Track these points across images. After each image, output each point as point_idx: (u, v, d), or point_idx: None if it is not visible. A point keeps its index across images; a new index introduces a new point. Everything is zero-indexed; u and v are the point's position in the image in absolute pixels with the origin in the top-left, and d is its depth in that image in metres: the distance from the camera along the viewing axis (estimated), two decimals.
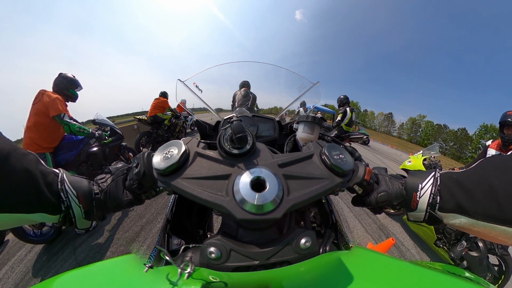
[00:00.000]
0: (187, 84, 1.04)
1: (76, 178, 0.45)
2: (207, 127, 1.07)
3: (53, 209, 0.39)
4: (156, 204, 2.98)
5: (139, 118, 5.28)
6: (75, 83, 2.50)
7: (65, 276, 0.35)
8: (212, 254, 0.34)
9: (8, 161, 0.33)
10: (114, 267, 0.37)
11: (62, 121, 2.27)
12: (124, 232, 2.41)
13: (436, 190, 0.43)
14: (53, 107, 2.21)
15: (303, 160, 0.43)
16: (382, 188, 0.49)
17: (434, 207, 0.43)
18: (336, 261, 0.36)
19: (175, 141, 0.42)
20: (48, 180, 0.39)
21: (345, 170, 0.41)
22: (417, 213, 0.46)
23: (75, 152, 2.57)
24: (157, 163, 0.38)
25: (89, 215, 0.44)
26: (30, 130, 2.24)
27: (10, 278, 1.88)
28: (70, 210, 0.41)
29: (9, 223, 0.36)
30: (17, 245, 2.25)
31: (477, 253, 1.98)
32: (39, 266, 2.00)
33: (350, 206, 3.32)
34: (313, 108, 1.41)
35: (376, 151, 12.44)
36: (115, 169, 0.49)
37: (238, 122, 0.40)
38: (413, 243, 2.65)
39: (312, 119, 0.78)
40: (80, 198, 0.42)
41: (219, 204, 0.35)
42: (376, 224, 2.97)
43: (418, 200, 0.45)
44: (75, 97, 2.54)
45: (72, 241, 2.27)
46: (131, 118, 5.45)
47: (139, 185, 0.45)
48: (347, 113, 5.08)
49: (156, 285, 0.30)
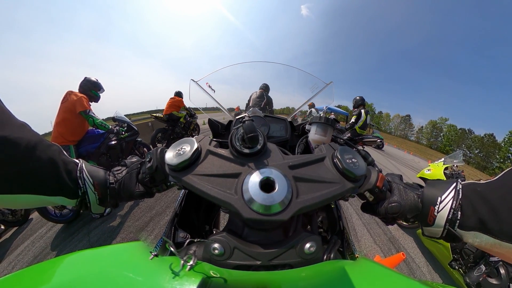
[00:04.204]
0: (200, 84, 1.06)
1: (94, 168, 0.48)
2: (219, 126, 1.09)
3: (71, 194, 0.43)
4: (166, 197, 3.11)
5: (155, 116, 5.63)
6: (98, 85, 2.89)
7: (77, 255, 0.38)
8: (216, 250, 0.34)
9: (35, 150, 0.38)
10: (123, 251, 0.39)
11: (87, 116, 2.65)
12: (134, 221, 2.57)
13: (457, 205, 0.39)
14: (79, 104, 2.58)
15: (314, 162, 0.43)
16: (394, 198, 0.45)
17: (454, 223, 0.39)
18: (340, 270, 0.35)
19: (188, 139, 0.43)
20: (68, 168, 0.43)
21: (357, 175, 0.40)
22: (433, 228, 0.42)
23: (96, 145, 2.87)
24: (170, 159, 0.39)
25: (103, 202, 0.47)
26: (59, 125, 2.61)
27: (31, 251, 2.12)
28: (86, 196, 0.44)
29: (33, 203, 0.41)
30: (39, 223, 2.51)
31: (497, 281, 1.71)
32: (56, 243, 2.23)
33: (360, 213, 3.17)
34: (326, 109, 1.38)
35: (391, 157, 11.82)
36: (130, 162, 0.52)
37: (250, 122, 0.40)
38: (425, 261, 2.45)
39: (325, 121, 0.76)
40: (96, 186, 0.45)
41: (227, 202, 0.35)
42: (387, 236, 2.79)
43: (436, 215, 0.41)
44: (97, 97, 2.92)
45: (88, 224, 2.49)
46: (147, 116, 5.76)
47: (151, 179, 0.47)
48: (362, 115, 4.89)
49: (160, 272, 0.32)
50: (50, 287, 0.30)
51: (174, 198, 3.05)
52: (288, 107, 1.50)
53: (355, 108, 5.07)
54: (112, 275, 0.32)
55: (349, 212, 3.24)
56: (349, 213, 3.20)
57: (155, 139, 5.37)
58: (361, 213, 3.00)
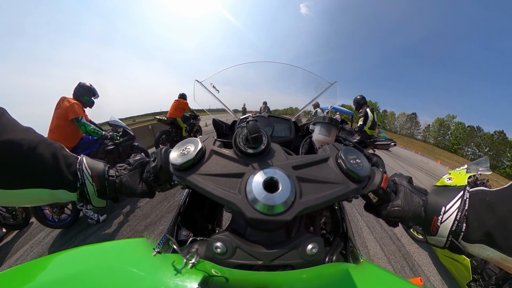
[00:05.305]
0: (204, 85, 1.07)
1: (94, 161, 0.50)
2: (224, 126, 1.10)
3: (71, 186, 0.45)
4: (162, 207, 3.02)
5: (159, 118, 5.60)
6: (92, 91, 2.78)
7: (82, 249, 0.39)
8: (218, 249, 0.35)
9: (38, 148, 0.41)
10: (126, 247, 0.40)
11: (79, 123, 2.56)
12: (128, 227, 2.59)
13: (462, 216, 0.37)
14: (71, 111, 2.50)
15: (318, 163, 0.42)
16: (397, 202, 0.44)
17: (458, 235, 0.37)
18: (341, 273, 0.34)
19: (192, 139, 0.43)
20: (68, 161, 0.45)
21: (361, 176, 0.39)
22: (437, 238, 0.40)
23: (90, 151, 2.87)
24: (174, 159, 0.40)
25: (102, 194, 0.48)
26: (53, 132, 2.57)
27: (29, 256, 2.17)
28: (84, 188, 0.46)
29: (39, 198, 0.43)
30: (39, 227, 2.56)
31: None
32: (54, 249, 2.29)
33: (373, 229, 2.89)
34: (330, 108, 1.38)
35: (398, 157, 11.47)
36: (134, 160, 0.54)
37: (254, 122, 0.40)
38: (441, 279, 2.20)
39: (329, 121, 0.76)
40: (94, 177, 0.47)
41: (231, 202, 0.35)
42: (401, 252, 2.50)
43: (439, 226, 0.39)
44: (91, 103, 2.82)
45: (84, 231, 2.54)
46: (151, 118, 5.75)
47: (155, 178, 0.48)
48: (369, 115, 4.46)
49: (162, 269, 0.32)
50: (56, 279, 0.30)
51: (170, 208, 3.00)
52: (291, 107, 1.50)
53: (358, 109, 4.66)
54: (116, 269, 0.33)
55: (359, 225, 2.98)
56: (359, 226, 2.94)
57: (159, 140, 5.38)
58: (374, 227, 2.89)
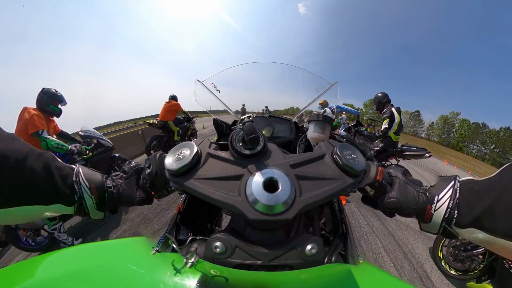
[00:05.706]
0: (205, 84, 1.08)
1: (91, 171, 0.47)
2: (224, 126, 1.10)
3: (68, 200, 0.42)
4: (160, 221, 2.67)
5: (149, 122, 5.03)
6: (58, 98, 2.34)
7: (82, 247, 0.39)
8: (217, 249, 0.35)
9: (26, 160, 0.37)
10: (126, 245, 0.40)
11: (40, 137, 2.16)
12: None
13: (454, 204, 0.39)
14: (31, 124, 2.12)
15: (315, 160, 0.43)
16: (393, 194, 0.46)
17: (451, 222, 0.40)
18: (340, 274, 0.34)
19: (187, 143, 0.43)
20: (63, 173, 0.42)
21: (357, 171, 0.40)
22: (430, 225, 0.43)
23: None
24: (170, 164, 0.39)
25: (101, 206, 0.46)
26: None
27: None
28: (83, 201, 0.43)
29: (32, 215, 0.39)
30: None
31: None
32: None
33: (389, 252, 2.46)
34: (335, 107, 1.37)
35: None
36: (129, 168, 0.53)
37: (250, 123, 0.41)
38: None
39: (323, 118, 0.76)
40: (93, 190, 0.44)
41: (232, 205, 0.35)
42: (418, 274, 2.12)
43: (433, 213, 0.41)
44: (58, 112, 2.40)
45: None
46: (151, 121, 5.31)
47: (151, 185, 0.47)
48: (395, 116, 3.40)
49: (161, 268, 0.33)
50: (56, 277, 0.31)
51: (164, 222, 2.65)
52: (292, 108, 1.50)
53: (381, 109, 3.58)
54: (115, 268, 0.33)
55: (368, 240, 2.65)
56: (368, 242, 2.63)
57: (150, 147, 4.86)
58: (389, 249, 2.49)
